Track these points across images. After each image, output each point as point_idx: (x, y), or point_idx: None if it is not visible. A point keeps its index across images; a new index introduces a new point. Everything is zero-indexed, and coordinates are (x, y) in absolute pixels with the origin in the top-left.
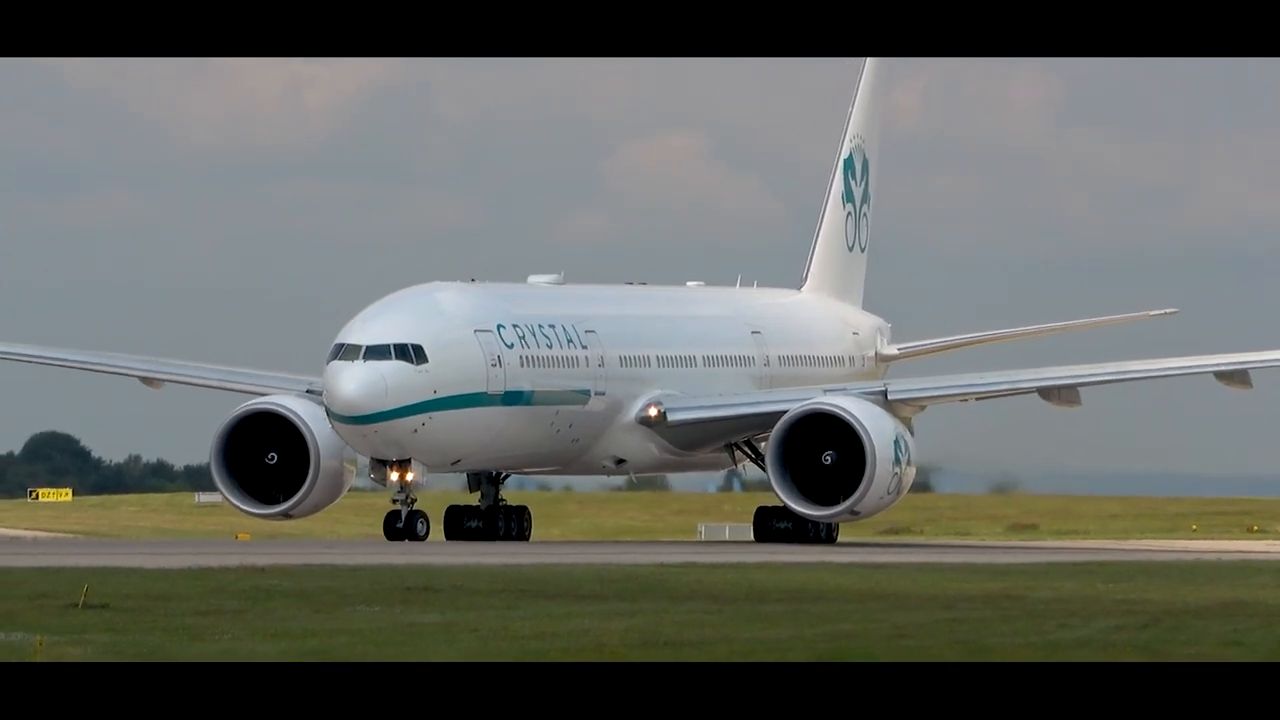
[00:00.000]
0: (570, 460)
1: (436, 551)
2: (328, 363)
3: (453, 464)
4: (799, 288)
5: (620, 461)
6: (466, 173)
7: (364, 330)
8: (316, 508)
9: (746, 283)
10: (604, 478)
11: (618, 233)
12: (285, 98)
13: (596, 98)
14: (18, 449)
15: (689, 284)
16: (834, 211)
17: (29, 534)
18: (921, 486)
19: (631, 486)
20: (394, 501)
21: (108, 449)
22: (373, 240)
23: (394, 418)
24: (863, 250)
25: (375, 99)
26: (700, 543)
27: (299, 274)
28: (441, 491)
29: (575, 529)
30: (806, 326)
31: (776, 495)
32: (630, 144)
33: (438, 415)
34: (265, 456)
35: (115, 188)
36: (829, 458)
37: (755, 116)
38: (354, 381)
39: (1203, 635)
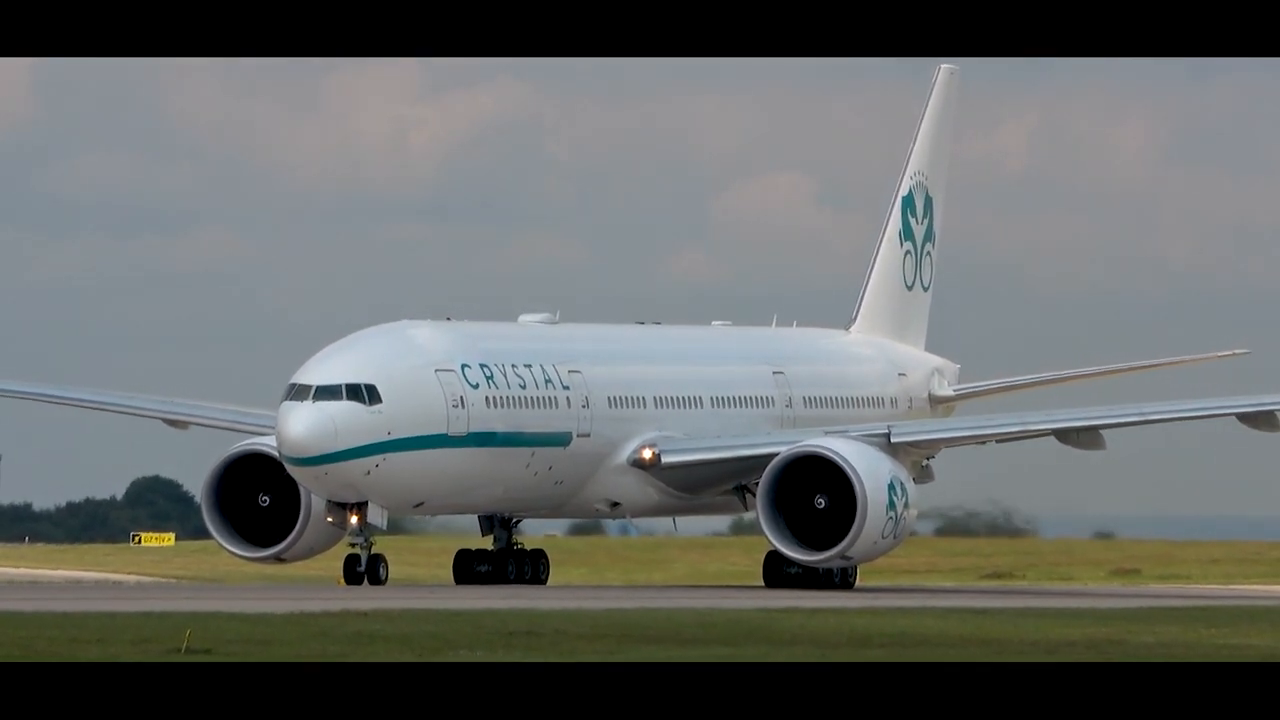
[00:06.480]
0: (559, 503)
1: (540, 595)
2: (280, 402)
3: (415, 506)
4: (847, 328)
5: (615, 505)
6: (573, 213)
7: (317, 370)
8: (311, 551)
9: (785, 322)
10: (707, 520)
11: (722, 273)
12: (391, 140)
13: (704, 138)
14: (120, 494)
15: (714, 324)
16: (890, 250)
17: (132, 579)
18: (1026, 532)
19: (735, 531)
20: (351, 545)
21: None
22: (478, 280)
23: (344, 459)
24: (925, 289)
25: (481, 141)
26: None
27: (403, 315)
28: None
29: (676, 574)
30: (842, 367)
31: (767, 539)
32: (737, 184)
33: (393, 457)
34: (258, 499)
35: (220, 229)
36: (821, 501)
37: (862, 157)
38: (301, 423)
39: None
